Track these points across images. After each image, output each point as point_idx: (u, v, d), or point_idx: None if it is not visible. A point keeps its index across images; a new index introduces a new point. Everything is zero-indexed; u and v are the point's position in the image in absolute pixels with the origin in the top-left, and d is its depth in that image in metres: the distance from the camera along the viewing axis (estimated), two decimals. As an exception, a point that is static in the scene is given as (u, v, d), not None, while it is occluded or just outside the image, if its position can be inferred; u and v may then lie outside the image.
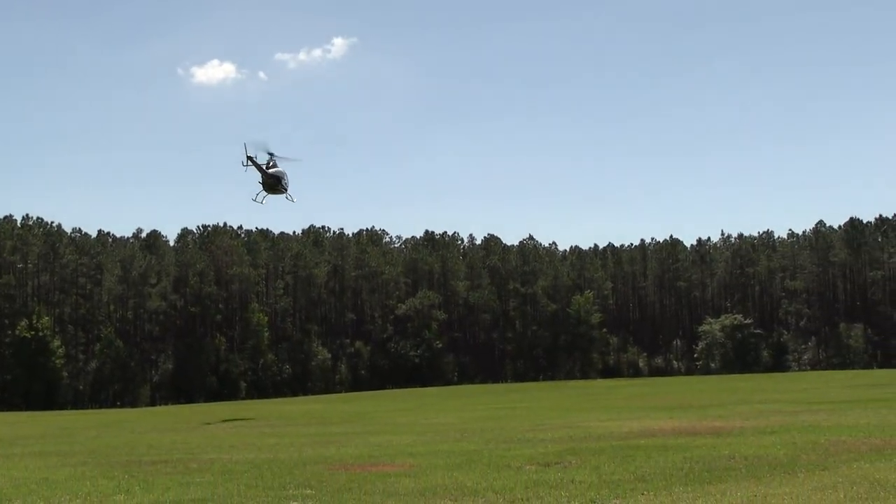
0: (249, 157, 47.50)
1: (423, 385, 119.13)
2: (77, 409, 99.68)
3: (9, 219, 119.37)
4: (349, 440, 26.60)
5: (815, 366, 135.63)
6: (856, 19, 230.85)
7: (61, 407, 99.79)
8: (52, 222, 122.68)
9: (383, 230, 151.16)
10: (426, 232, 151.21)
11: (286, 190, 49.51)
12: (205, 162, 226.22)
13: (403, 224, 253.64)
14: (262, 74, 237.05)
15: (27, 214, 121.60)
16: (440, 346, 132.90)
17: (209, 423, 43.22)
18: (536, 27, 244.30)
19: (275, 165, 49.00)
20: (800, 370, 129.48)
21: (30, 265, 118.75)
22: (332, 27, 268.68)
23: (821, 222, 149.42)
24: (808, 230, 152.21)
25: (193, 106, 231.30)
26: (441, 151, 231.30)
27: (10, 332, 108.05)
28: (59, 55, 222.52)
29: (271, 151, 49.16)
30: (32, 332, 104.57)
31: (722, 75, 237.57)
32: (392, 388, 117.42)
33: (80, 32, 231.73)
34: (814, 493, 13.21)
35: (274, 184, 48.62)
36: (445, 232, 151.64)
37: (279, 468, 18.76)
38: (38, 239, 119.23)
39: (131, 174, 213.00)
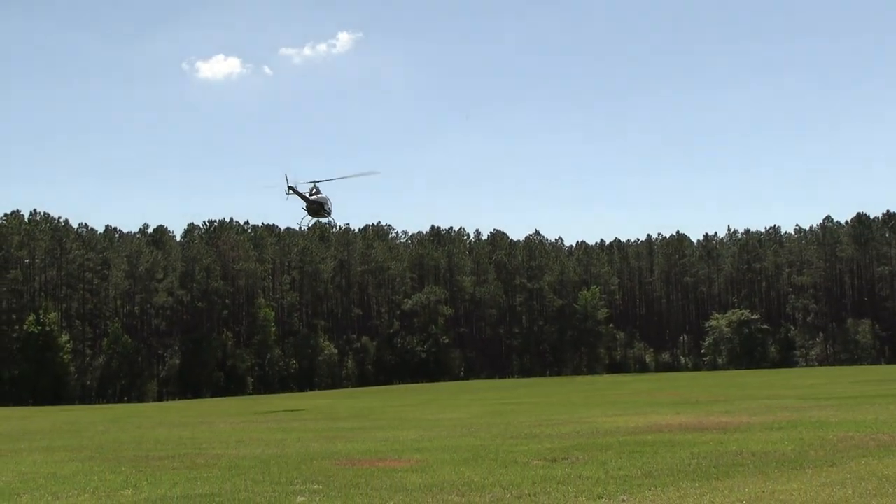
0: (290, 187, 49.19)
1: (430, 380, 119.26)
2: (84, 404, 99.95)
3: (16, 214, 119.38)
4: (356, 435, 26.60)
5: (822, 361, 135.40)
6: (864, 13, 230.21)
7: (69, 402, 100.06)
8: (58, 217, 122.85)
9: (389, 225, 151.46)
10: (432, 227, 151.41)
11: (329, 214, 52.05)
12: (211, 157, 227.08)
13: (409, 219, 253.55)
14: (266, 69, 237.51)
15: (34, 210, 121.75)
16: (446, 341, 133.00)
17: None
18: (542, 22, 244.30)
19: (318, 192, 50.92)
20: (807, 366, 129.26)
21: (37, 260, 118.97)
22: (336, 22, 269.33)
23: (828, 217, 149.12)
24: (815, 225, 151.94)
25: (198, 101, 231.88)
26: (447, 146, 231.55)
27: (17, 327, 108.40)
28: (65, 51, 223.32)
29: (315, 180, 51.09)
30: (40, 328, 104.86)
31: (730, 70, 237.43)
32: (398, 383, 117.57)
33: (85, 28, 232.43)
34: (822, 489, 13.17)
35: (317, 209, 51.08)
36: (451, 227, 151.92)
37: (286, 463, 18.77)
38: (45, 234, 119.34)
39: (138, 169, 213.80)
